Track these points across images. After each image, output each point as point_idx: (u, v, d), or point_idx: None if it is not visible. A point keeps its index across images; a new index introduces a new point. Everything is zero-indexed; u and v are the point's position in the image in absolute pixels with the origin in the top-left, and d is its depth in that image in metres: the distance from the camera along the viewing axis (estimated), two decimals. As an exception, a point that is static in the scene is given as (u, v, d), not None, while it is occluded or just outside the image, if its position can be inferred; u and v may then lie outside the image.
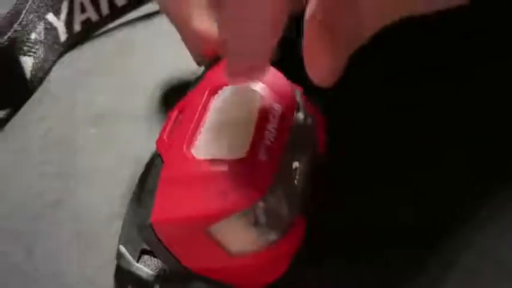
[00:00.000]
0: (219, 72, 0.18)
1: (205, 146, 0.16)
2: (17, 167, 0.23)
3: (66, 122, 0.24)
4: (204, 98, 0.17)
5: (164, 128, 0.17)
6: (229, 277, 0.16)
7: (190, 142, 0.16)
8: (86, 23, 0.26)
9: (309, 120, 0.18)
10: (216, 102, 0.17)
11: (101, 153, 0.23)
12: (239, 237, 0.15)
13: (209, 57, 0.19)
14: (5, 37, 0.21)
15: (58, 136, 0.23)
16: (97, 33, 0.27)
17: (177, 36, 0.21)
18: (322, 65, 0.15)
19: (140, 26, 0.28)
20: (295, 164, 0.17)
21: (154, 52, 0.27)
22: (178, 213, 0.15)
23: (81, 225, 0.21)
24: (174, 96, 0.20)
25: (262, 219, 0.15)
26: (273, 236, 0.15)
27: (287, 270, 0.16)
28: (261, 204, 0.15)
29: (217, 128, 0.16)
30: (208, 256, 0.15)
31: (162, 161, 0.16)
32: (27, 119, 0.24)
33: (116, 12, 0.27)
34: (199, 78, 0.18)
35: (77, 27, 0.26)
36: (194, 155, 0.16)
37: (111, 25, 0.27)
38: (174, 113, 0.17)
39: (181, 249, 0.15)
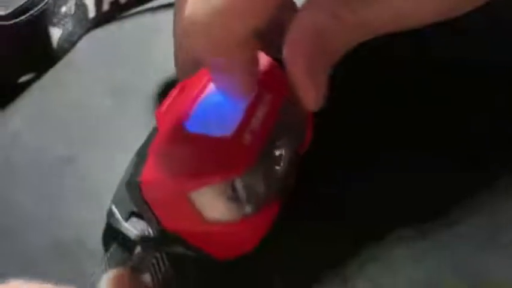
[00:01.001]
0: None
1: (196, 122, 0.18)
2: (33, 126, 0.25)
3: (84, 92, 0.26)
4: (204, 82, 0.19)
5: (165, 102, 0.19)
6: (204, 244, 0.18)
7: (184, 117, 0.18)
8: (114, 4, 0.29)
9: (298, 111, 0.20)
10: (213, 86, 0.19)
11: (113, 121, 0.25)
12: (214, 206, 0.17)
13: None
14: (36, 8, 0.24)
15: (75, 103, 0.25)
16: (123, 14, 0.29)
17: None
18: (311, 99, 0.16)
19: (163, 13, 0.30)
20: (281, 151, 0.19)
21: (168, 36, 0.29)
22: (164, 176, 0.17)
23: (86, 183, 0.23)
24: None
25: (238, 194, 0.17)
26: (246, 211, 0.17)
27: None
28: (238, 180, 0.17)
29: (210, 108, 0.18)
30: (186, 219, 0.17)
31: (157, 131, 0.18)
32: (48, 85, 0.26)
33: (144, -3, 0.29)
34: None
35: (106, 6, 0.28)
36: (186, 128, 0.17)
37: (137, 9, 0.29)
38: (176, 91, 0.19)
39: (163, 210, 0.17)
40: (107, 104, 0.25)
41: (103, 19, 0.29)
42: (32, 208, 0.22)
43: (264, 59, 0.19)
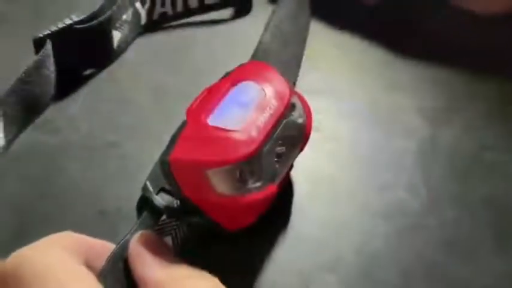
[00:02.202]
0: (241, 72, 0.25)
1: (216, 118, 0.23)
2: (86, 114, 0.30)
3: (131, 88, 0.31)
4: (227, 86, 0.24)
5: (194, 101, 0.24)
6: (215, 214, 0.23)
7: (208, 113, 0.23)
8: (163, 15, 0.34)
9: (301, 120, 0.24)
10: (233, 91, 0.24)
11: (152, 114, 0.30)
12: (224, 183, 0.22)
13: None
14: (106, 14, 0.29)
15: (122, 97, 0.31)
16: (169, 24, 0.35)
17: (227, 39, 0.29)
18: None
19: (200, 27, 0.35)
20: (282, 149, 0.24)
21: (208, 48, 0.34)
22: (188, 156, 0.22)
23: (126, 164, 0.28)
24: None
25: (243, 175, 0.22)
26: (249, 189, 0.22)
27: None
28: (244, 164, 0.22)
29: (228, 109, 0.23)
30: (202, 191, 0.22)
31: (186, 123, 0.23)
32: (104, 80, 0.32)
33: (188, 12, 0.34)
34: (228, 73, 0.25)
35: (156, 16, 0.34)
36: (208, 122, 0.23)
37: (180, 21, 0.35)
38: (204, 92, 0.24)
39: (185, 182, 0.22)
40: (148, 100, 0.31)
41: (152, 27, 0.34)
42: (81, 182, 0.27)
43: (276, 76, 0.24)
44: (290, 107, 0.24)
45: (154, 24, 0.34)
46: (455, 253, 0.25)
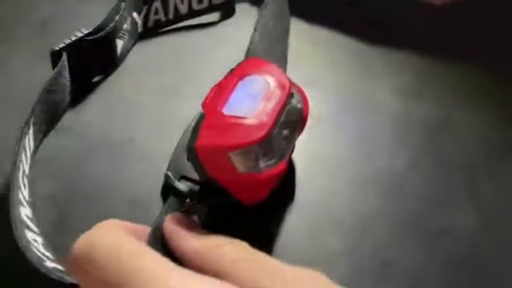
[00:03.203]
0: (245, 67, 0.29)
1: (230, 108, 0.26)
2: (101, 115, 0.33)
3: (136, 90, 0.35)
4: (235, 81, 0.28)
5: (208, 96, 0.28)
6: (236, 190, 0.26)
7: (222, 105, 0.27)
8: (157, 22, 0.37)
9: (299, 105, 0.29)
10: (241, 84, 0.28)
11: (159, 113, 0.34)
12: (244, 162, 0.25)
13: None
14: (111, 25, 0.32)
15: (130, 99, 0.34)
16: (163, 30, 0.38)
17: (215, 40, 0.33)
18: None
19: (194, 31, 0.39)
20: (286, 132, 0.28)
21: (200, 49, 0.38)
22: (211, 142, 0.26)
23: (143, 157, 0.31)
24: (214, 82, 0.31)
25: (259, 155, 0.26)
26: (264, 166, 0.26)
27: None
28: (257, 146, 0.26)
29: (239, 99, 0.27)
30: (225, 171, 0.26)
31: (205, 115, 0.27)
32: (111, 84, 0.35)
33: (179, 17, 0.38)
34: (232, 70, 0.29)
35: (150, 24, 0.37)
36: (224, 112, 0.26)
37: (174, 26, 0.38)
38: (215, 88, 0.28)
39: (210, 164, 0.26)
40: (154, 100, 0.34)
41: (148, 33, 0.37)
42: (105, 177, 0.30)
43: (275, 69, 0.28)
44: (290, 95, 0.28)
45: (150, 31, 0.37)
46: (434, 204, 0.30)
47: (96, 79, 0.34)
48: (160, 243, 0.26)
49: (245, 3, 0.40)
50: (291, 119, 0.28)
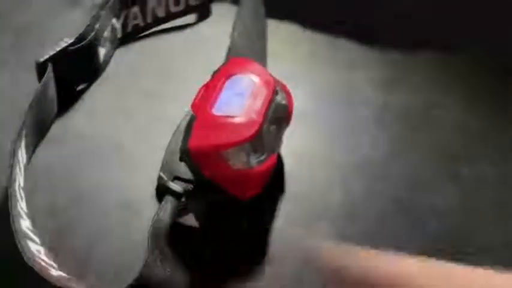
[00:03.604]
0: (230, 67, 0.30)
1: (220, 108, 0.27)
2: (88, 122, 0.34)
3: (121, 97, 0.35)
4: (222, 81, 0.29)
5: (196, 97, 0.29)
6: (230, 186, 0.27)
7: (212, 105, 0.28)
8: (136, 27, 0.38)
9: (284, 102, 0.30)
10: (228, 84, 0.29)
11: (145, 117, 0.34)
12: (237, 159, 0.27)
13: None
14: (92, 34, 0.33)
15: (116, 105, 0.34)
16: (143, 34, 0.39)
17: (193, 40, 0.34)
18: None
19: (172, 33, 0.39)
20: (274, 127, 0.29)
21: (179, 50, 0.38)
22: (204, 142, 0.26)
23: (130, 160, 0.32)
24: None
25: (251, 151, 0.27)
26: (257, 161, 0.27)
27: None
28: (250, 143, 0.27)
29: (227, 100, 0.28)
30: (219, 169, 0.27)
31: (195, 116, 0.28)
32: (96, 92, 0.35)
33: (157, 21, 0.38)
34: (216, 71, 0.30)
35: (129, 29, 0.38)
36: (214, 112, 0.27)
37: (153, 30, 0.39)
38: (203, 88, 0.29)
39: (204, 164, 0.27)
40: (139, 104, 0.35)
41: (127, 38, 0.38)
42: (96, 184, 0.31)
43: (259, 68, 0.29)
44: (275, 92, 0.29)
45: (129, 36, 0.38)
46: (417, 188, 0.32)
47: (80, 87, 0.35)
48: (163, 240, 0.27)
49: (220, 4, 0.41)
50: (277, 115, 0.29)
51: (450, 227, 0.30)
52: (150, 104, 0.35)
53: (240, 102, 0.28)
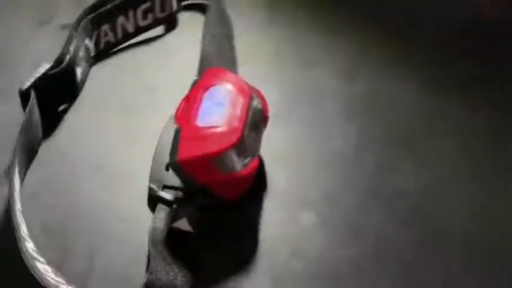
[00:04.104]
0: (207, 79, 0.32)
1: (203, 119, 0.29)
2: (71, 141, 0.35)
3: (100, 112, 0.37)
4: (200, 93, 0.31)
5: (178, 109, 0.31)
6: (220, 190, 0.30)
7: (195, 117, 0.30)
8: (107, 43, 0.39)
9: (260, 106, 0.32)
10: (207, 95, 0.31)
11: (124, 129, 0.36)
12: (223, 166, 0.29)
13: None
14: (69, 56, 0.34)
15: (96, 123, 0.36)
16: (115, 50, 0.40)
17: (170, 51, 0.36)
18: None
19: (145, 45, 0.41)
20: (253, 132, 0.31)
21: (150, 61, 0.40)
22: (192, 153, 0.29)
23: (111, 177, 0.34)
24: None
25: (237, 155, 0.29)
26: (242, 165, 0.29)
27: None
28: (235, 148, 0.29)
29: (209, 109, 0.30)
30: (209, 177, 0.29)
31: (180, 129, 0.30)
32: (76, 111, 0.36)
33: (127, 36, 0.40)
34: (194, 83, 0.32)
35: (102, 46, 0.39)
36: (198, 124, 0.29)
37: (124, 45, 0.40)
38: (184, 101, 0.31)
39: (195, 173, 0.29)
40: (118, 120, 0.36)
41: (101, 55, 0.39)
42: (90, 198, 0.32)
43: (234, 77, 0.31)
44: (251, 98, 0.31)
45: (102, 53, 0.39)
46: (387, 171, 0.35)
47: (61, 108, 0.36)
48: (162, 246, 0.29)
49: (185, 14, 0.43)
50: (255, 119, 0.31)
51: (416, 204, 0.33)
52: (129, 118, 0.37)
53: (220, 111, 0.30)
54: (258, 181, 0.33)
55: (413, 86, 0.39)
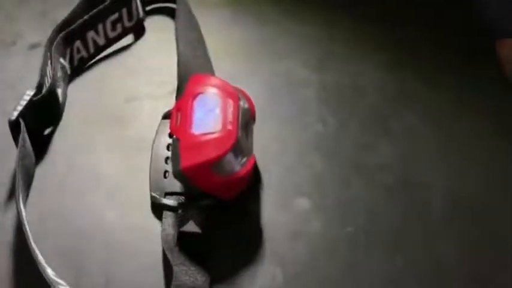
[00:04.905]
0: (193, 87, 0.33)
1: (198, 127, 0.31)
2: (60, 160, 0.36)
3: (84, 129, 0.37)
4: (190, 102, 0.32)
5: (172, 120, 0.32)
6: (222, 192, 0.32)
7: (190, 126, 0.31)
8: (81, 59, 0.39)
9: (247, 105, 0.34)
10: (197, 104, 0.32)
11: (112, 142, 0.37)
12: (224, 168, 0.31)
13: None
14: (47, 78, 0.34)
15: (81, 141, 0.37)
16: (89, 64, 0.40)
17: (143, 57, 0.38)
18: None
19: (117, 56, 0.41)
20: (244, 131, 0.33)
21: (130, 70, 0.41)
22: (194, 161, 0.30)
23: (117, 192, 0.35)
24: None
25: (234, 157, 0.31)
26: (240, 165, 0.31)
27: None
28: (231, 152, 0.31)
29: (202, 118, 0.31)
30: (212, 180, 0.31)
31: (178, 139, 0.31)
32: (62, 132, 0.37)
33: (99, 49, 0.40)
34: (180, 92, 0.33)
35: (76, 63, 0.39)
36: (194, 132, 0.31)
37: (97, 58, 0.40)
38: (174, 111, 0.32)
39: (198, 180, 0.31)
40: (105, 132, 0.37)
41: (76, 72, 0.39)
42: (98, 216, 0.33)
43: (217, 81, 0.33)
44: (239, 99, 0.33)
45: (77, 69, 0.39)
46: (366, 149, 0.37)
47: (47, 132, 0.36)
48: (178, 250, 0.30)
49: (150, 19, 0.43)
50: (245, 119, 0.33)
51: (395, 175, 0.36)
52: (117, 129, 0.37)
53: (213, 117, 0.31)
54: (252, 176, 0.35)
55: (378, 68, 0.42)
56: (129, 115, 0.38)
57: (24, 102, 0.33)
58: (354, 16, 0.44)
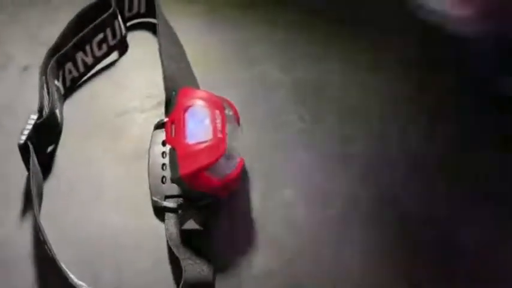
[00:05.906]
0: (183, 101, 0.37)
1: (192, 137, 0.35)
2: (63, 180, 0.39)
3: (84, 141, 0.40)
4: (182, 114, 0.36)
5: (167, 132, 0.36)
6: (218, 192, 0.36)
7: (184, 137, 0.35)
8: (73, 79, 0.42)
9: (231, 112, 0.38)
10: (188, 116, 0.36)
11: (110, 151, 0.40)
12: (218, 172, 0.35)
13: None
14: (47, 102, 0.38)
15: (80, 157, 0.40)
16: (79, 83, 0.43)
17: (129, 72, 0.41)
18: None
19: (104, 73, 0.44)
20: (232, 136, 0.37)
21: (113, 86, 0.44)
22: (191, 168, 0.34)
23: (119, 201, 0.38)
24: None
25: (227, 160, 0.35)
26: (232, 166, 0.35)
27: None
28: (223, 157, 0.35)
29: (194, 128, 0.35)
30: (208, 183, 0.35)
31: (175, 149, 0.35)
32: (62, 149, 0.40)
33: (88, 68, 0.43)
34: (171, 104, 0.37)
35: (68, 83, 0.42)
36: (188, 142, 0.35)
37: (87, 76, 0.44)
38: (169, 124, 0.36)
39: (195, 184, 0.35)
40: (102, 148, 0.40)
41: (68, 92, 0.42)
42: (108, 226, 0.37)
43: (203, 93, 0.37)
44: (224, 108, 0.37)
45: (69, 89, 0.42)
46: (347, 141, 0.42)
47: (49, 150, 0.39)
48: (183, 248, 0.34)
49: (131, 35, 0.46)
50: (231, 125, 0.37)
51: (371, 158, 0.41)
52: (113, 142, 0.41)
53: (204, 127, 0.35)
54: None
55: (343, 66, 0.46)
56: (122, 128, 0.42)
57: (29, 126, 0.36)
58: (328, 19, 0.48)
